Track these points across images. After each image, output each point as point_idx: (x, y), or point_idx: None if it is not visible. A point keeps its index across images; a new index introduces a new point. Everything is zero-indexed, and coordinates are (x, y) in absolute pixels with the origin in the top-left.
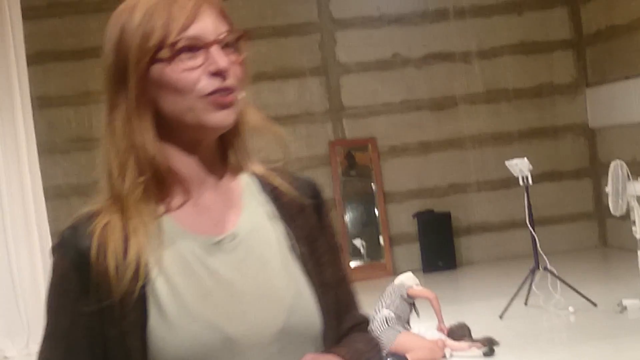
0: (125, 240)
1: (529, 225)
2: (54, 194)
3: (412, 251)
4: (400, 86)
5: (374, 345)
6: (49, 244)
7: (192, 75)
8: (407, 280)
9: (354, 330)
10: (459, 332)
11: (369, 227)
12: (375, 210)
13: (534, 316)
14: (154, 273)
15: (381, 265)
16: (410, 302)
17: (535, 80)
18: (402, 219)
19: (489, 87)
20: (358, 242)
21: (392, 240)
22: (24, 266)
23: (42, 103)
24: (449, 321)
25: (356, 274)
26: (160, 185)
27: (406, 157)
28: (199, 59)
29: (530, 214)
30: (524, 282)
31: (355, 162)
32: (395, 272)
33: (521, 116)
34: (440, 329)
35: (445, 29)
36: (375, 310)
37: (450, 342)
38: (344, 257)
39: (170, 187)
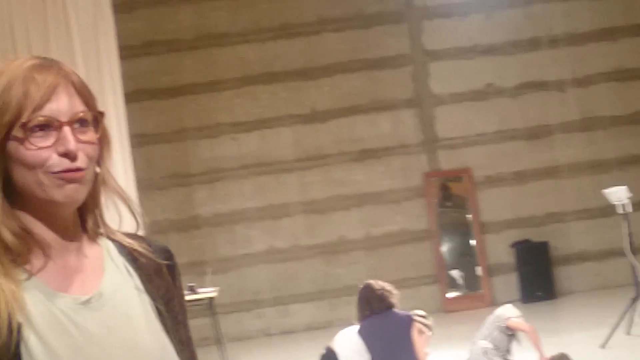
0: None
1: (629, 254)
2: (153, 230)
3: (510, 281)
4: (495, 116)
5: None
6: None
7: (43, 154)
8: (507, 312)
9: None
10: None
11: (465, 257)
12: (472, 240)
13: (636, 345)
14: (27, 332)
15: (479, 295)
16: (510, 333)
17: (632, 108)
18: (499, 249)
19: (584, 115)
20: (455, 273)
21: (489, 271)
22: None
23: (140, 140)
24: (550, 352)
25: (454, 305)
26: (18, 250)
27: (502, 186)
28: (50, 139)
29: (631, 242)
30: (625, 312)
31: (451, 192)
32: (494, 303)
33: (618, 144)
34: None
35: (538, 57)
36: (473, 342)
37: None
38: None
39: (30, 251)
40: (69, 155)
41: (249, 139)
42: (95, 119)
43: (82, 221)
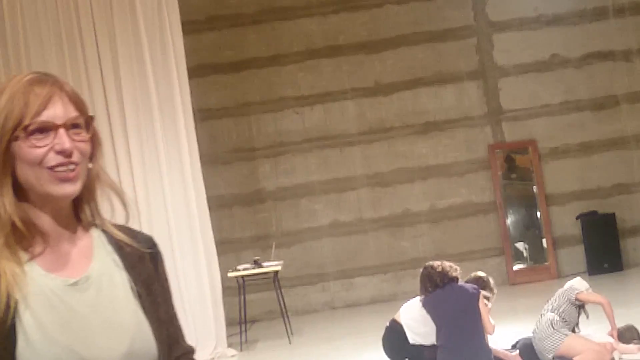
0: None
1: None
2: (217, 204)
3: (576, 253)
4: (560, 87)
5: None
6: (213, 253)
7: (41, 151)
8: (577, 284)
9: (182, 358)
10: (628, 335)
11: (531, 230)
12: (537, 213)
13: None
14: (22, 308)
15: (544, 268)
16: (579, 305)
17: None
18: (565, 221)
19: None
20: (520, 245)
21: (555, 243)
22: (190, 276)
23: (203, 115)
24: (617, 324)
25: (519, 277)
26: (23, 236)
27: (567, 158)
28: (48, 139)
29: None
30: None
31: (516, 164)
32: (560, 275)
33: None
34: (610, 334)
35: (604, 27)
36: (540, 314)
37: (618, 345)
38: (173, 299)
39: (33, 237)
40: (64, 153)
41: (313, 112)
42: (86, 122)
43: (77, 212)
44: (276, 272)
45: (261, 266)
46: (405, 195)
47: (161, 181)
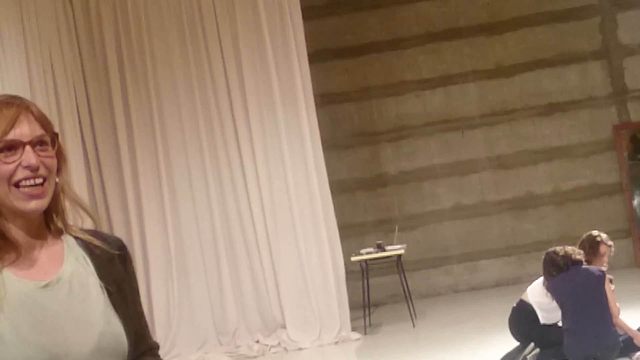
0: None
1: None
2: (340, 189)
3: None
4: None
5: None
6: (336, 238)
7: (9, 167)
8: None
9: (147, 354)
10: None
11: None
12: None
13: None
14: None
15: None
16: None
17: None
18: None
19: None
20: None
21: None
22: (313, 260)
23: (324, 100)
24: None
25: None
26: None
27: None
28: (16, 156)
29: None
30: None
31: None
32: None
33: None
34: None
35: None
36: None
37: None
38: (141, 299)
39: (4, 248)
40: (31, 167)
41: (434, 95)
42: (52, 139)
43: (48, 221)
44: (399, 256)
45: (384, 250)
46: (529, 177)
47: (283, 167)
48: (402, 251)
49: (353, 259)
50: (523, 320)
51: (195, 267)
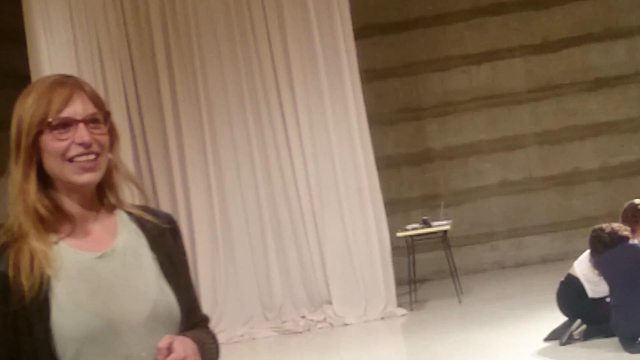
0: (31, 260)
1: None
2: (385, 164)
3: None
4: None
5: (213, 337)
6: (382, 213)
7: (64, 144)
8: None
9: (198, 325)
10: None
11: None
12: None
13: None
14: (54, 282)
15: None
16: None
17: None
18: None
19: None
20: None
21: None
22: (359, 236)
23: (369, 76)
24: None
25: None
26: (52, 220)
27: None
28: (69, 133)
29: None
30: None
31: None
32: None
33: None
34: None
35: None
36: None
37: None
38: (190, 273)
39: (61, 220)
40: (84, 145)
41: (480, 71)
42: (105, 118)
43: (101, 196)
44: (445, 232)
45: (430, 226)
46: (576, 153)
47: (329, 143)
48: (448, 227)
49: (399, 234)
50: (571, 295)
51: (241, 242)
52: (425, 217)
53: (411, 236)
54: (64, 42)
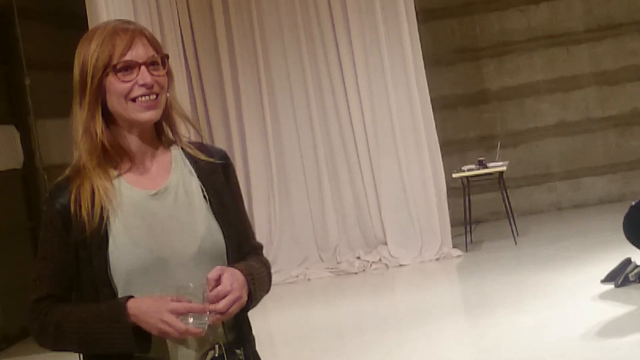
0: (92, 195)
1: None
2: (441, 105)
3: None
4: None
5: (265, 262)
6: (438, 154)
7: (127, 85)
8: None
9: (251, 254)
10: None
11: None
12: None
13: None
14: (112, 217)
15: None
16: None
17: None
18: None
19: None
20: None
21: None
22: (415, 177)
23: (426, 16)
24: None
25: None
26: (112, 156)
27: None
28: (132, 75)
29: None
30: None
31: None
32: None
33: None
34: None
35: None
36: None
37: None
38: (244, 204)
39: (121, 157)
40: (146, 85)
41: (538, 10)
42: (163, 60)
43: (159, 133)
44: (501, 173)
45: (486, 167)
46: (635, 93)
47: (385, 83)
48: (504, 168)
49: (454, 175)
50: None
51: (297, 183)
52: (481, 158)
53: (467, 177)
54: None
